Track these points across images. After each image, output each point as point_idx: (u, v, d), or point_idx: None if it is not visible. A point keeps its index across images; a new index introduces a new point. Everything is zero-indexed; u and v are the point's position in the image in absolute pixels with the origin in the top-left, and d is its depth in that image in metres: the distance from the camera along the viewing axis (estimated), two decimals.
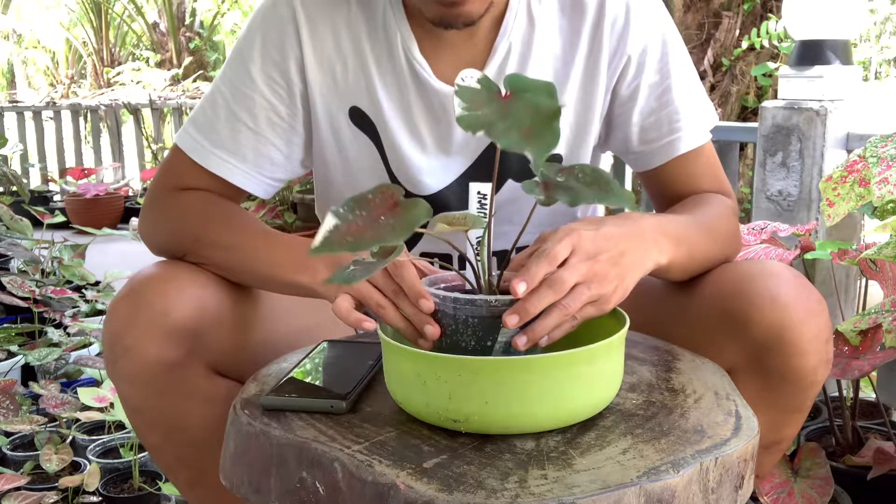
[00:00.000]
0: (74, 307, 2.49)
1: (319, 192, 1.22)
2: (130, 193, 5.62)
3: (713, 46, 4.05)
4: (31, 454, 1.74)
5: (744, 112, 4.07)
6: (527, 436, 0.75)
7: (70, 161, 6.19)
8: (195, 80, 7.96)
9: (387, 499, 0.67)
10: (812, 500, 1.37)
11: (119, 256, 3.43)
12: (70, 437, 1.80)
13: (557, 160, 1.12)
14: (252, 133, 1.08)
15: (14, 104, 6.85)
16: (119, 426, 1.85)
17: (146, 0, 9.48)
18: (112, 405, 1.75)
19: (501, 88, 0.75)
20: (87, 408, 1.77)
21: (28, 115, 6.42)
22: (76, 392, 1.80)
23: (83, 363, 1.97)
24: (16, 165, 6.19)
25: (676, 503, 0.68)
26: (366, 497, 0.69)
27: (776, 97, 2.24)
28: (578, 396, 0.76)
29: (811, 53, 2.14)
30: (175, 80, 8.13)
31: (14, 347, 2.17)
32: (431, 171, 1.10)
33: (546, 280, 0.78)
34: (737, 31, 4.05)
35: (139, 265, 1.01)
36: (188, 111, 5.78)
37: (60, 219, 2.98)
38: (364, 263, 0.72)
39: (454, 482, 0.67)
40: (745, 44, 3.86)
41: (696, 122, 1.10)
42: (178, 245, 1.04)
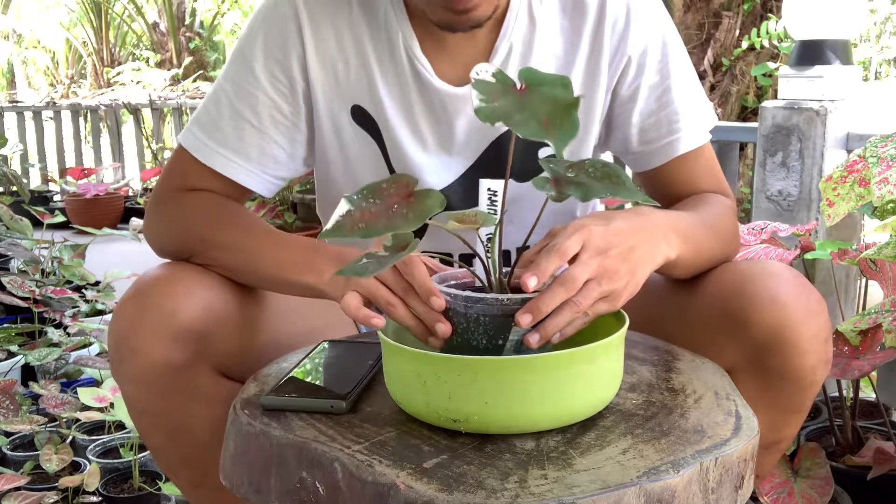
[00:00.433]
0: (74, 307, 2.49)
1: (320, 192, 1.22)
2: (130, 193, 5.63)
3: (713, 46, 4.05)
4: (31, 454, 1.74)
5: (744, 112, 4.07)
6: (527, 436, 0.75)
7: (70, 161, 6.19)
8: (195, 80, 7.96)
9: (387, 499, 0.67)
10: (812, 500, 1.37)
11: (119, 256, 3.43)
12: (70, 437, 1.80)
13: None
14: (256, 131, 1.08)
15: (14, 104, 6.85)
16: (119, 426, 1.85)
17: (146, 0, 9.47)
18: (112, 405, 1.75)
19: (517, 83, 0.75)
20: (87, 408, 1.77)
21: (28, 115, 6.42)
22: (76, 392, 1.80)
23: (83, 363, 1.97)
24: (16, 165, 6.18)
25: (676, 503, 0.68)
26: (366, 497, 0.69)
27: (776, 97, 2.24)
28: (578, 396, 0.76)
29: (811, 53, 2.14)
30: (175, 80, 8.13)
31: (14, 347, 2.17)
32: (433, 170, 1.11)
33: (557, 278, 0.78)
34: (737, 31, 4.05)
35: (139, 265, 1.01)
36: (188, 111, 5.78)
37: (60, 219, 2.98)
38: (377, 257, 0.71)
39: (454, 482, 0.67)
40: (745, 44, 3.86)
41: (696, 123, 1.11)
42: (184, 247, 1.04)
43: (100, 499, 1.61)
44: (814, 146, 2.08)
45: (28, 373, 2.20)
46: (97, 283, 2.67)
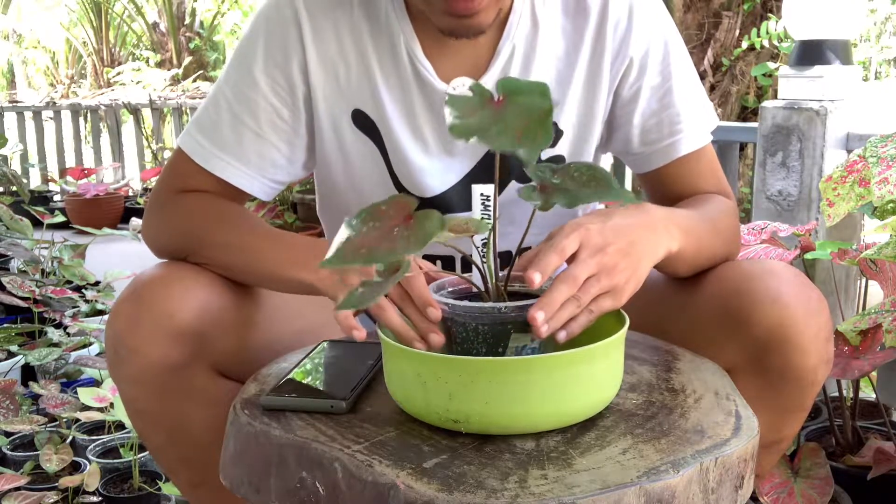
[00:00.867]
0: (74, 307, 2.49)
1: (321, 194, 1.22)
2: (130, 193, 5.62)
3: (713, 46, 4.05)
4: (31, 454, 1.74)
5: (744, 112, 4.07)
6: (527, 436, 0.75)
7: (70, 161, 6.18)
8: (195, 80, 7.95)
9: (387, 499, 0.67)
10: (812, 500, 1.37)
11: (119, 256, 3.43)
12: (70, 437, 1.80)
13: (560, 161, 1.12)
14: (255, 135, 1.08)
15: (14, 104, 6.84)
16: (119, 426, 1.85)
17: (146, 0, 9.47)
18: (112, 405, 1.75)
19: (494, 94, 0.75)
20: (87, 408, 1.77)
21: (28, 115, 6.41)
22: (76, 392, 1.80)
23: (83, 363, 1.97)
24: (16, 165, 6.18)
25: (676, 503, 0.68)
26: (366, 497, 0.69)
27: (776, 97, 2.24)
28: (578, 396, 0.76)
29: (811, 53, 2.14)
30: (175, 80, 8.12)
31: (14, 347, 2.17)
32: (434, 173, 1.10)
33: (558, 276, 0.79)
34: (737, 31, 4.05)
35: (139, 265, 1.01)
36: (188, 111, 5.79)
37: (60, 219, 2.98)
38: (373, 284, 0.71)
39: (454, 482, 0.67)
40: (745, 44, 3.86)
41: (698, 124, 1.11)
42: (182, 247, 1.04)
43: (100, 499, 1.61)
44: (814, 146, 2.08)
45: (28, 373, 2.20)
46: (97, 283, 2.67)
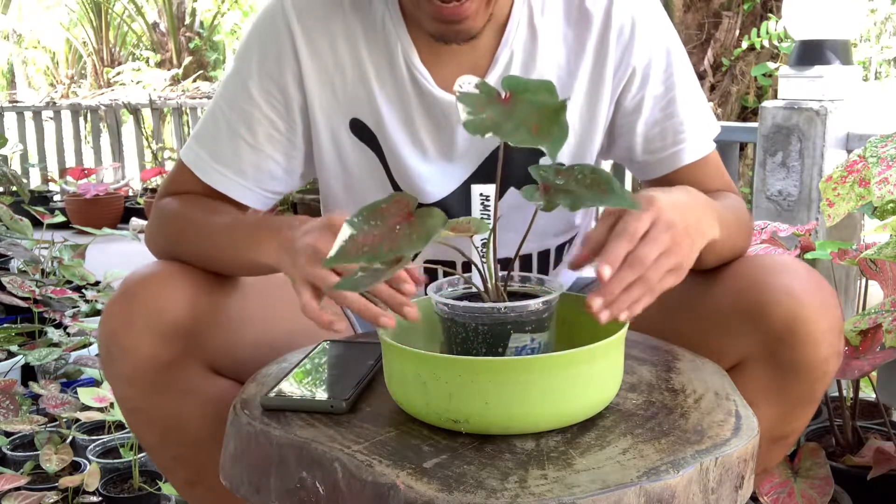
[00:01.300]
0: (74, 307, 2.49)
1: (324, 202, 1.22)
2: (130, 193, 5.63)
3: (713, 46, 4.05)
4: (31, 454, 1.74)
5: (744, 112, 4.07)
6: (527, 436, 0.75)
7: (70, 161, 6.18)
8: (195, 80, 7.95)
9: (387, 499, 0.67)
10: (812, 500, 1.37)
11: (119, 256, 3.42)
12: (70, 437, 1.80)
13: None
14: (251, 149, 1.08)
15: (14, 104, 6.85)
16: (119, 426, 1.85)
17: (146, 0, 9.47)
18: (112, 405, 1.75)
19: (501, 92, 0.75)
20: (87, 408, 1.77)
21: (28, 115, 6.41)
22: (76, 392, 1.80)
23: (83, 363, 1.97)
24: (16, 165, 6.18)
25: (676, 503, 0.68)
26: (366, 497, 0.69)
27: (776, 97, 2.24)
28: (578, 396, 0.76)
29: (811, 53, 2.14)
30: (175, 80, 8.12)
31: (14, 347, 2.17)
32: (434, 179, 1.10)
33: (627, 259, 0.78)
34: (737, 31, 4.05)
35: (139, 265, 1.02)
36: (188, 111, 5.81)
37: (60, 219, 2.98)
38: (371, 270, 0.71)
39: (454, 482, 0.67)
40: (745, 44, 3.86)
41: (700, 133, 1.11)
42: (169, 247, 1.06)
43: (100, 499, 1.61)
44: (814, 146, 2.08)
45: (28, 373, 2.20)
46: (97, 283, 2.66)
